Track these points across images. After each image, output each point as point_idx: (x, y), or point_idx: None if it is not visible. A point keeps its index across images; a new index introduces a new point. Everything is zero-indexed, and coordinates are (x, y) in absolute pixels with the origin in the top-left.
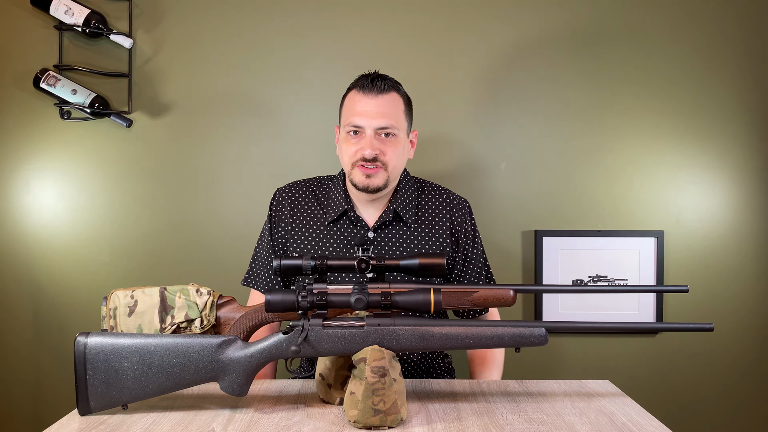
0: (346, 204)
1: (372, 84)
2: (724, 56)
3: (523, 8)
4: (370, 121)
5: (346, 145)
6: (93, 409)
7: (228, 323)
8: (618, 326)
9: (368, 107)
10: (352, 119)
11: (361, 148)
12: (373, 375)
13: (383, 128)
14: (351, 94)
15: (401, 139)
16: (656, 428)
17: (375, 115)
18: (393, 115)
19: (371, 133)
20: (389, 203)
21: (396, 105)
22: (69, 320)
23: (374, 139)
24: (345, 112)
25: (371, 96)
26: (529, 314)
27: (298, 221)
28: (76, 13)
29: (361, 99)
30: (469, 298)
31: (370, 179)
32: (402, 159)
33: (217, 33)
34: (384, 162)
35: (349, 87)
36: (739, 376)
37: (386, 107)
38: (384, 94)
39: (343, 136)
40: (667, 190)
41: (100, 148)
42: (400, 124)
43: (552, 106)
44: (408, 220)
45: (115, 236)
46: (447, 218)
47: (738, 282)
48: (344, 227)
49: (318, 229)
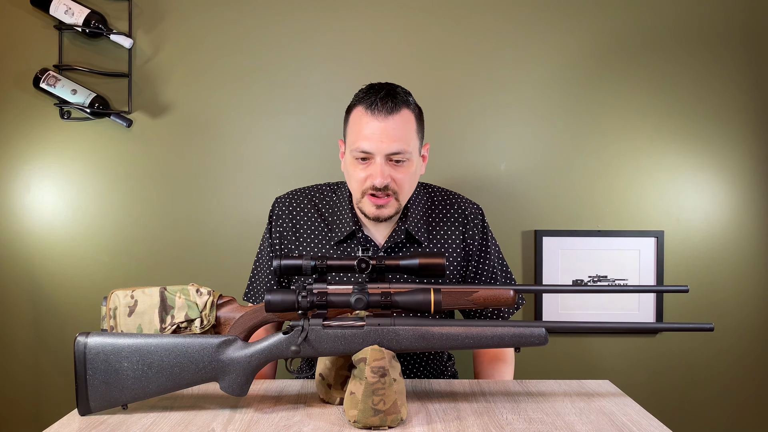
0: (353, 225)
1: (381, 104)
2: (725, 56)
3: (523, 9)
4: (379, 145)
5: (353, 170)
6: (93, 409)
7: (228, 323)
8: (618, 326)
9: (377, 131)
10: (359, 144)
11: (370, 176)
12: (373, 375)
13: (394, 153)
14: (357, 111)
15: (414, 161)
16: (656, 428)
17: (385, 139)
18: (404, 138)
19: (381, 160)
20: (399, 222)
21: (408, 125)
22: (69, 320)
23: (385, 165)
24: (351, 131)
25: (380, 118)
26: (529, 314)
27: (302, 239)
28: (76, 13)
29: (369, 121)
30: (469, 298)
31: (380, 210)
32: (414, 182)
33: (217, 33)
34: (395, 190)
35: (355, 100)
36: (739, 376)
37: (397, 130)
38: (394, 115)
39: (350, 160)
40: (667, 190)
41: (100, 148)
42: (412, 145)
43: (552, 106)
44: (420, 238)
45: (115, 236)
46: (459, 231)
47: (738, 282)
48: (352, 249)
49: (324, 249)
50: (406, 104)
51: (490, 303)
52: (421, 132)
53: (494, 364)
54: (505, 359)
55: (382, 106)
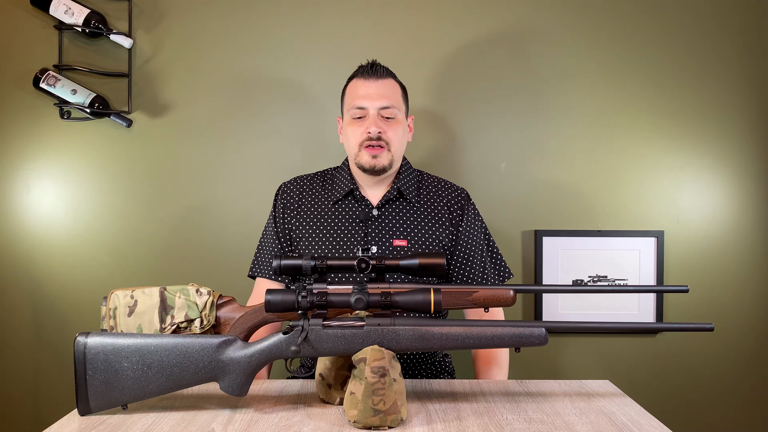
0: (351, 184)
1: (372, 70)
2: (725, 56)
3: (523, 8)
4: (372, 102)
5: (351, 128)
6: (93, 409)
7: (228, 323)
8: (618, 326)
9: (370, 90)
10: (355, 102)
11: (366, 128)
12: (373, 375)
13: (385, 108)
14: (352, 82)
15: (401, 121)
16: (656, 428)
17: (377, 96)
18: (393, 97)
19: (374, 113)
20: (393, 183)
21: (395, 89)
22: (69, 320)
23: (378, 119)
24: (348, 98)
25: (372, 81)
26: (529, 314)
27: (304, 206)
28: (76, 13)
29: (363, 83)
30: (469, 298)
31: (376, 159)
32: (403, 140)
33: (217, 33)
34: (387, 141)
35: (350, 78)
36: (739, 376)
37: (387, 90)
38: (383, 79)
39: (348, 121)
40: (667, 190)
41: (100, 148)
42: (399, 106)
43: (552, 106)
44: (411, 198)
45: (115, 236)
46: (446, 202)
47: (738, 282)
48: (349, 206)
49: (323, 209)
50: (393, 76)
51: (490, 303)
52: (406, 102)
53: (487, 366)
54: (497, 361)
55: (372, 73)
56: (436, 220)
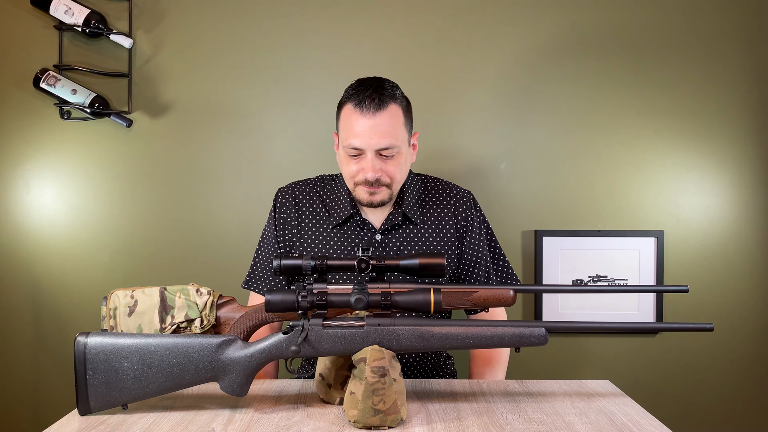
0: (351, 208)
1: (369, 101)
2: (725, 57)
3: (524, 10)
4: (369, 142)
5: (346, 164)
6: (93, 409)
7: (228, 323)
8: (618, 326)
9: (366, 128)
10: (350, 140)
11: (362, 170)
12: (373, 375)
13: (384, 149)
14: (347, 109)
15: (403, 153)
16: (656, 428)
17: (374, 136)
18: (393, 133)
19: (372, 155)
20: (395, 206)
21: (395, 120)
22: (69, 320)
23: (375, 159)
24: (342, 127)
25: (368, 115)
26: (529, 314)
27: (304, 224)
28: (76, 13)
29: (359, 119)
30: (469, 298)
31: (373, 196)
32: (405, 170)
33: (217, 33)
34: (387, 182)
35: (345, 97)
36: (739, 376)
37: (386, 125)
38: (382, 111)
39: (343, 155)
40: (667, 190)
41: (100, 148)
42: (401, 138)
43: (552, 106)
44: (415, 219)
45: (115, 236)
46: (452, 213)
47: (738, 282)
48: (351, 230)
49: (324, 232)
50: (393, 99)
51: (490, 303)
52: (410, 123)
53: (487, 366)
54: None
55: (369, 104)
56: (441, 237)
